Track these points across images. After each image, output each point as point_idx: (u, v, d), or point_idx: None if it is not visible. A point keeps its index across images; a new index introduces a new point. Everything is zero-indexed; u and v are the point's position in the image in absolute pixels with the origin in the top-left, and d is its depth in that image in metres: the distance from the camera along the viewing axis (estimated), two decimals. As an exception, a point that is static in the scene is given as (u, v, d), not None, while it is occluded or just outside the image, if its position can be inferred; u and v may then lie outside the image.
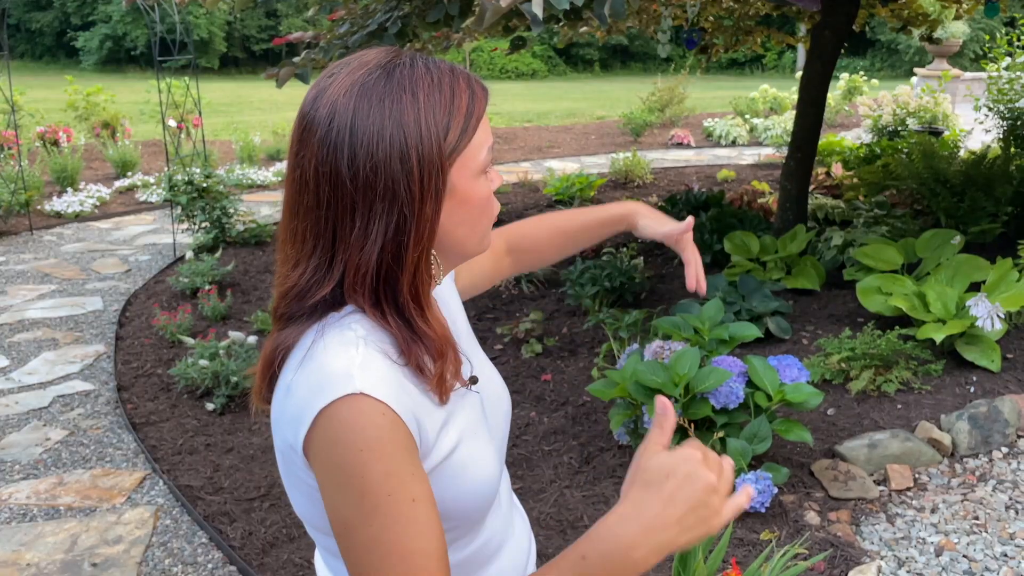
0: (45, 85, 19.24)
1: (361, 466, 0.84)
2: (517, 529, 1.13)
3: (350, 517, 0.86)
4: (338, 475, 0.85)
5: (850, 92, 14.59)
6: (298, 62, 4.05)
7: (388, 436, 0.85)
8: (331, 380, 0.86)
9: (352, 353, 0.88)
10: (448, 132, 0.89)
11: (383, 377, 0.87)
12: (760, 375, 3.05)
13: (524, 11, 2.78)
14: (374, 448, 0.84)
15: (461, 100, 0.90)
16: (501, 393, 1.12)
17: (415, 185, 0.88)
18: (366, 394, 0.85)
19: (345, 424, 0.84)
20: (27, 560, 2.93)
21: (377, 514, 0.85)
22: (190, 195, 6.32)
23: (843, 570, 2.61)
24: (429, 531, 0.87)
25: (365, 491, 0.85)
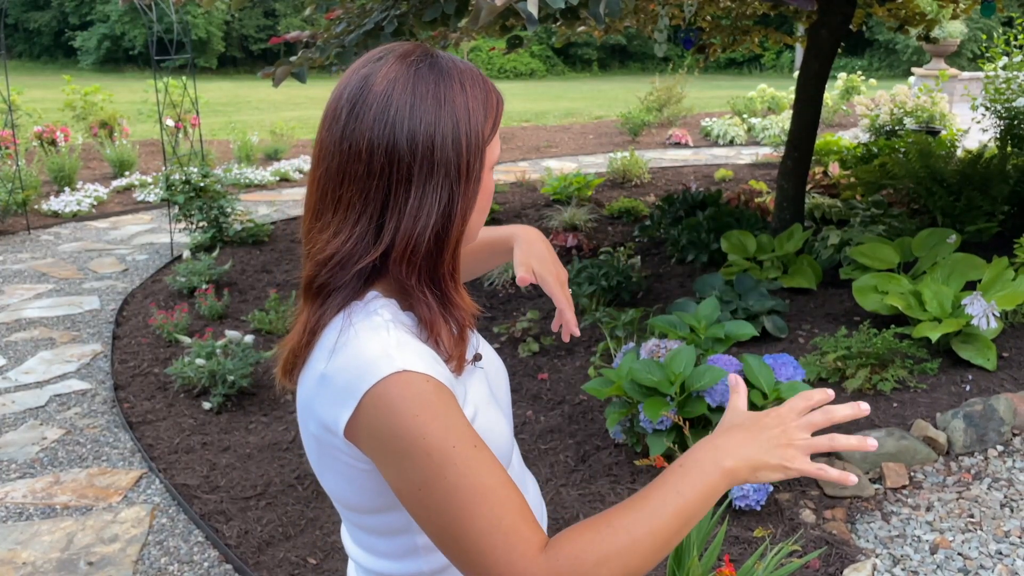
0: (43, 85, 19.23)
1: (421, 427, 0.89)
2: (530, 492, 1.18)
3: (422, 479, 0.90)
4: (399, 444, 0.90)
5: (848, 92, 14.61)
6: (295, 61, 4.05)
7: (437, 397, 0.91)
8: (371, 363, 0.91)
9: (384, 336, 0.93)
10: (486, 122, 0.97)
11: (419, 353, 0.93)
12: (756, 374, 3.06)
13: (520, 10, 2.78)
14: (428, 410, 0.90)
15: (492, 96, 0.98)
16: (499, 368, 1.19)
17: (463, 165, 0.95)
18: (408, 370, 0.90)
19: (396, 398, 0.89)
20: (23, 559, 2.93)
21: (448, 466, 0.89)
22: (187, 195, 6.32)
23: (838, 568, 2.62)
24: (497, 467, 0.92)
25: (431, 449, 0.89)
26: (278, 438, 3.64)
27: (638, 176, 8.74)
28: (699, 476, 0.92)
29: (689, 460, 0.94)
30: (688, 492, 0.92)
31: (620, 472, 3.16)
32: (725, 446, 0.94)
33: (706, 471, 0.93)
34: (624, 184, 8.69)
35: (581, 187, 7.79)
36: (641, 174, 8.76)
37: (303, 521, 3.03)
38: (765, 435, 0.95)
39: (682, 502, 0.91)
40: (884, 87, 13.97)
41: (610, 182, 8.75)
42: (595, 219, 6.88)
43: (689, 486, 0.92)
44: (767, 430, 0.95)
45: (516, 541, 0.89)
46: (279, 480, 3.31)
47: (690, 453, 0.95)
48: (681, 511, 0.91)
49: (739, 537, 2.75)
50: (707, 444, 0.95)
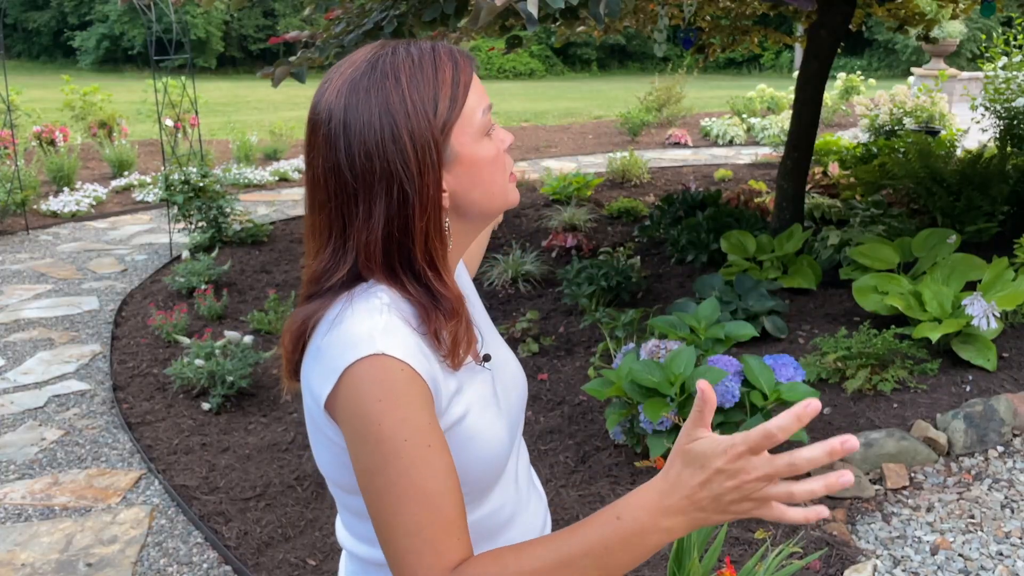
0: (42, 84, 19.22)
1: (379, 414, 0.91)
2: (532, 506, 1.18)
3: (370, 464, 0.92)
4: (359, 425, 0.92)
5: (847, 92, 14.61)
6: (294, 61, 4.05)
7: (404, 388, 0.92)
8: (355, 342, 0.93)
9: (376, 318, 0.95)
10: (437, 105, 0.96)
11: (403, 340, 0.94)
12: (756, 374, 3.06)
13: (519, 10, 2.78)
14: (391, 397, 0.92)
15: (445, 73, 0.97)
16: (516, 375, 1.18)
17: (411, 162, 0.95)
18: (386, 354, 0.92)
19: (365, 379, 0.92)
20: (22, 560, 2.93)
21: (395, 459, 0.91)
22: (187, 195, 6.31)
23: (838, 569, 2.61)
24: (445, 475, 0.93)
25: (382, 437, 0.91)
26: (277, 439, 3.64)
27: (637, 176, 8.73)
28: (633, 532, 0.86)
29: (627, 512, 0.87)
30: (615, 547, 0.87)
31: (620, 473, 3.16)
32: (670, 502, 0.86)
33: (643, 527, 0.86)
34: (623, 184, 8.69)
35: (580, 187, 7.78)
36: (640, 174, 8.76)
37: (303, 522, 3.03)
38: (718, 489, 0.83)
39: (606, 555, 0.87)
40: (883, 87, 13.97)
41: (609, 182, 8.75)
42: (595, 219, 6.87)
43: (619, 541, 0.87)
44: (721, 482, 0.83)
45: (430, 551, 0.91)
46: (279, 481, 3.30)
47: (631, 501, 0.88)
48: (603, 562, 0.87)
49: (739, 538, 2.74)
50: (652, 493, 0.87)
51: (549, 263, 5.62)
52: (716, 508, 0.84)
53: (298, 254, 6.40)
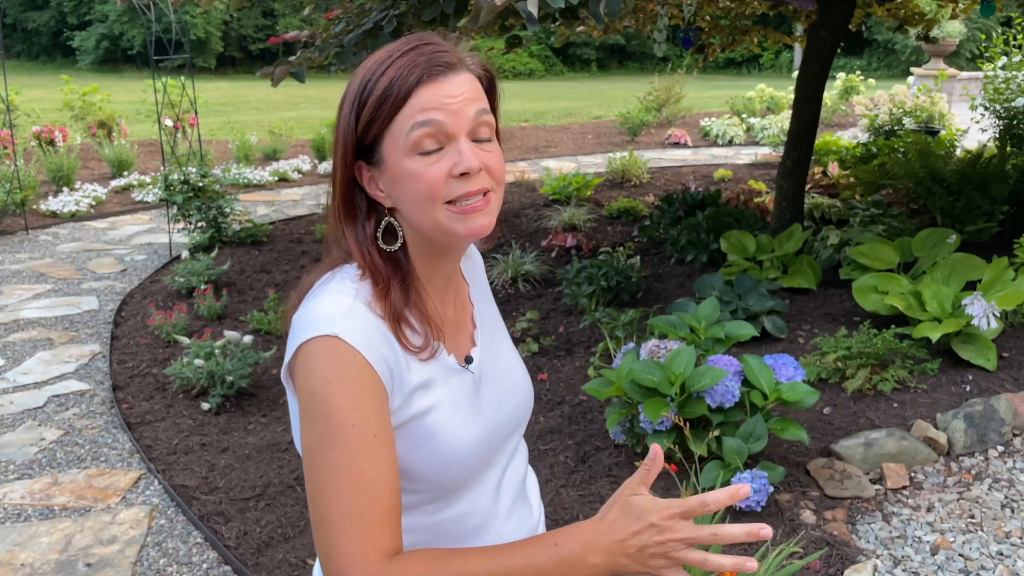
0: (41, 84, 19.21)
1: (329, 395, 0.95)
2: (513, 522, 1.17)
3: (315, 442, 0.96)
4: (309, 402, 0.97)
5: (847, 91, 14.61)
6: (294, 61, 4.05)
7: (355, 375, 0.96)
8: (317, 320, 0.98)
9: (341, 300, 1.00)
10: (361, 111, 1.01)
11: (361, 327, 0.98)
12: (756, 374, 3.05)
13: (519, 9, 2.78)
14: (342, 381, 0.95)
15: (383, 78, 1.00)
16: (517, 387, 1.18)
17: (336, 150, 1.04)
18: (340, 338, 0.96)
19: (318, 358, 0.96)
20: (21, 560, 2.92)
21: (340, 441, 0.95)
22: (186, 195, 6.31)
23: (839, 569, 2.61)
24: (387, 466, 0.96)
25: (330, 419, 0.95)
26: (277, 439, 3.63)
27: (637, 176, 8.73)
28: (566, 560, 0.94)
29: (565, 541, 0.95)
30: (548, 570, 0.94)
31: (620, 473, 3.16)
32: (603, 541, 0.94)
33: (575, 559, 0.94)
34: (623, 184, 8.68)
35: (580, 187, 7.78)
36: (640, 174, 8.75)
37: (302, 522, 3.03)
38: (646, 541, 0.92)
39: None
40: (883, 87, 13.97)
41: (609, 182, 8.74)
42: (594, 219, 6.87)
43: (552, 566, 0.94)
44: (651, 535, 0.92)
45: (368, 537, 0.94)
46: (278, 481, 3.30)
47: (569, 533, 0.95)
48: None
49: (739, 538, 2.74)
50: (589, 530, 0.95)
51: (549, 263, 5.62)
52: (638, 558, 0.93)
53: (298, 254, 6.40)
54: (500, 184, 1.05)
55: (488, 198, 1.03)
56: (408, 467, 1.03)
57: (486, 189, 1.03)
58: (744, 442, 2.92)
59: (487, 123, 1.03)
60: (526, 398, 1.20)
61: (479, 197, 1.02)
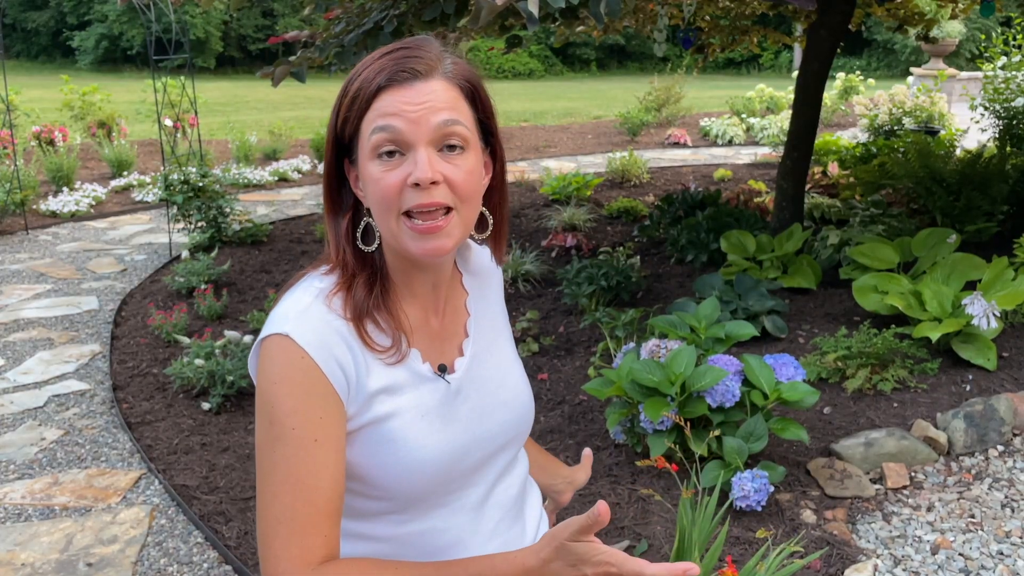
0: (41, 84, 19.20)
1: (273, 396, 0.96)
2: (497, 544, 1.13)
3: (261, 440, 0.97)
4: (259, 400, 0.98)
5: (846, 91, 14.61)
6: (294, 61, 4.04)
7: (300, 378, 0.96)
8: (276, 318, 1.00)
9: (301, 300, 1.01)
10: (338, 111, 1.03)
11: (315, 328, 0.98)
12: (756, 374, 3.05)
13: (520, 9, 2.78)
14: (287, 383, 0.96)
15: (355, 81, 1.02)
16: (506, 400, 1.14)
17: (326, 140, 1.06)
18: (291, 337, 0.97)
19: (267, 358, 0.98)
20: (22, 560, 2.92)
21: (280, 442, 0.95)
22: (186, 195, 6.31)
23: (839, 568, 2.61)
24: (326, 472, 0.96)
25: (273, 419, 0.96)
26: (277, 439, 3.63)
27: (637, 176, 8.73)
28: None
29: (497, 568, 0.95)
30: None
31: (620, 473, 3.16)
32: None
33: None
34: (623, 184, 8.69)
35: (580, 187, 7.78)
36: (640, 174, 8.76)
37: (303, 522, 3.02)
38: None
39: None
40: (882, 87, 13.97)
41: (609, 182, 8.75)
42: (594, 219, 6.87)
43: None
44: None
45: (297, 543, 0.94)
46: (278, 481, 3.30)
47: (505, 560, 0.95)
48: None
49: (740, 538, 2.74)
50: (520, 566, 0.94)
51: (549, 263, 5.62)
52: None
53: (297, 254, 6.40)
54: (467, 201, 1.01)
55: (449, 217, 0.99)
56: (367, 472, 1.02)
57: (446, 206, 0.99)
58: (744, 442, 2.92)
59: (456, 133, 0.99)
60: (520, 415, 1.15)
61: (440, 215, 0.99)
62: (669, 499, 2.95)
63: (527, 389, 1.19)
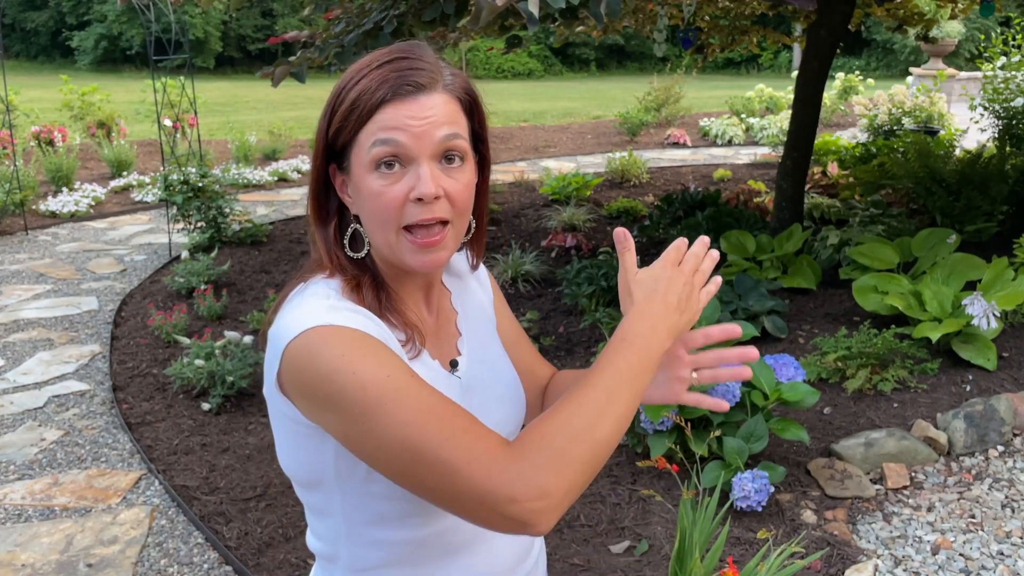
0: (40, 85, 19.19)
1: (349, 364, 0.90)
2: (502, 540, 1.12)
3: (361, 412, 0.90)
4: (330, 386, 0.91)
5: (846, 91, 14.61)
6: (294, 61, 4.04)
7: (364, 339, 0.93)
8: (297, 321, 0.95)
9: (322, 301, 0.98)
10: (332, 118, 1.01)
11: (348, 317, 0.96)
12: (757, 374, 3.05)
13: (520, 9, 2.78)
14: (355, 348, 0.92)
15: (355, 89, 0.99)
16: (508, 396, 1.16)
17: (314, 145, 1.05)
18: (333, 324, 0.94)
19: (316, 344, 0.92)
20: (22, 560, 2.92)
21: (387, 394, 0.89)
22: (186, 195, 6.30)
23: (840, 569, 2.61)
24: (436, 392, 0.93)
25: (364, 382, 0.90)
26: (277, 439, 3.63)
27: (637, 176, 8.73)
28: (643, 346, 0.99)
29: (630, 333, 1.00)
30: (636, 362, 0.98)
31: (621, 473, 3.16)
32: (654, 317, 1.01)
33: (648, 342, 1.00)
34: (623, 184, 8.69)
35: (580, 187, 7.78)
36: (640, 174, 8.76)
37: (303, 523, 3.02)
38: (676, 287, 1.03)
39: (633, 373, 0.97)
40: (882, 87, 13.97)
41: (609, 182, 8.75)
42: (594, 219, 6.87)
43: (636, 356, 0.98)
44: (676, 284, 1.03)
45: (474, 441, 0.89)
46: (279, 481, 3.30)
47: (628, 326, 1.01)
48: (633, 380, 0.97)
49: (741, 538, 2.74)
50: (639, 317, 1.01)
51: (549, 263, 5.62)
52: (683, 307, 1.03)
53: (297, 254, 6.40)
54: (462, 215, 1.02)
55: (446, 230, 1.00)
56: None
57: (444, 219, 1.00)
58: (745, 442, 2.92)
59: (456, 147, 1.00)
60: (518, 407, 1.18)
61: (437, 228, 1.00)
62: (670, 499, 2.95)
63: (520, 382, 1.20)
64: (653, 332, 1.01)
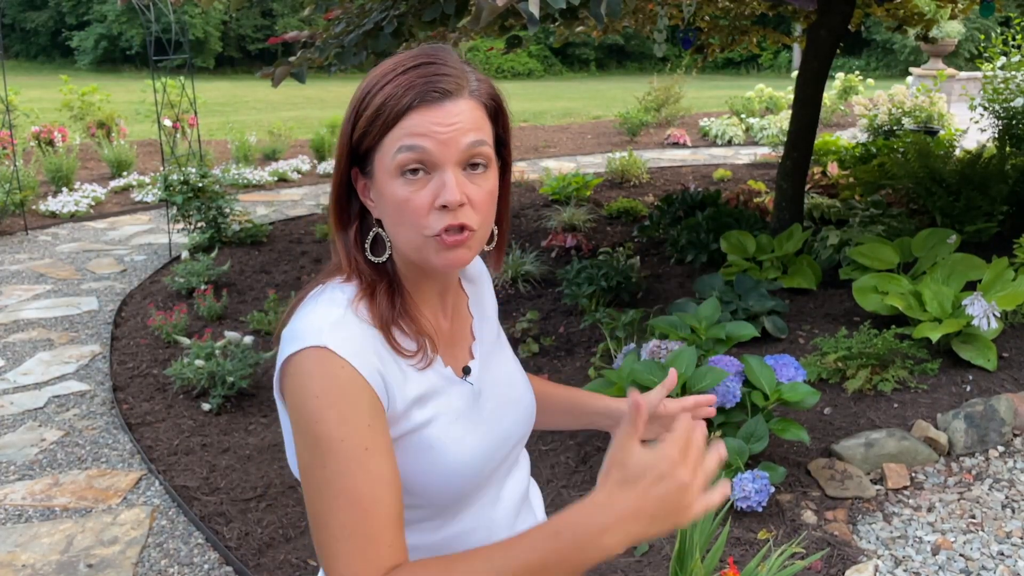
0: (40, 85, 19.19)
1: (317, 411, 0.92)
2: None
3: (308, 460, 0.94)
4: (299, 418, 0.94)
5: (846, 92, 14.61)
6: (294, 61, 4.04)
7: (345, 387, 0.93)
8: (304, 332, 0.96)
9: (331, 311, 0.97)
10: (357, 121, 1.00)
11: (351, 338, 0.95)
12: (757, 374, 3.05)
13: (520, 10, 2.78)
14: (330, 396, 0.92)
15: (381, 94, 0.98)
16: (518, 399, 1.15)
17: (337, 145, 1.03)
18: (329, 349, 0.93)
19: (305, 371, 0.94)
20: (23, 561, 2.92)
21: (330, 457, 0.92)
22: (186, 195, 6.30)
23: (840, 569, 2.61)
24: (381, 481, 0.92)
25: (320, 435, 0.92)
26: (278, 439, 3.63)
27: (636, 176, 8.73)
28: (572, 546, 0.85)
29: (566, 527, 0.86)
30: (553, 563, 0.86)
31: (621, 473, 3.15)
32: (614, 516, 0.85)
33: (581, 544, 0.85)
34: (623, 184, 8.69)
35: (580, 187, 7.78)
36: (640, 174, 8.76)
37: (303, 523, 3.02)
38: (658, 500, 0.84)
39: (542, 573, 0.86)
40: (882, 87, 13.97)
41: (608, 182, 8.74)
42: (594, 219, 6.87)
43: (557, 557, 0.86)
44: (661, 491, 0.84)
45: (359, 558, 0.90)
46: (279, 482, 3.30)
47: (573, 519, 0.86)
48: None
49: (741, 538, 2.75)
50: (594, 511, 0.86)
51: (549, 263, 5.62)
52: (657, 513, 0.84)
53: (297, 254, 6.40)
54: (486, 221, 1.02)
55: (471, 232, 1.00)
56: (406, 481, 1.00)
57: (467, 226, 0.99)
58: (745, 442, 2.92)
59: (481, 154, 1.00)
60: (529, 411, 1.17)
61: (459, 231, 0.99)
62: (670, 500, 2.94)
63: (530, 386, 1.20)
64: (600, 537, 0.85)
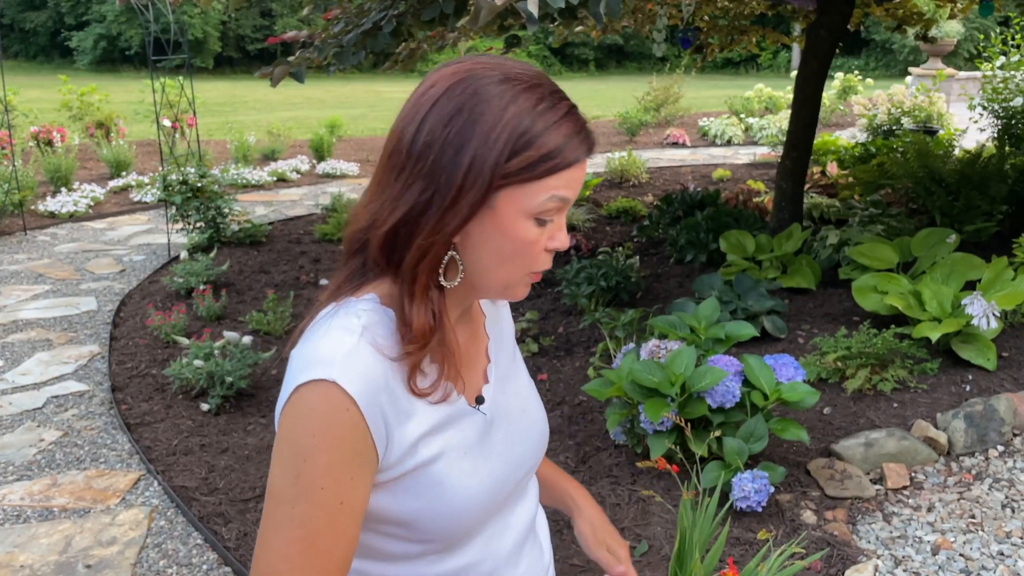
0: (39, 85, 19.18)
1: (308, 449, 0.89)
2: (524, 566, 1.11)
3: (281, 490, 0.90)
4: (287, 448, 0.90)
5: (845, 91, 14.62)
6: (293, 61, 4.04)
7: (343, 433, 0.89)
8: (316, 361, 0.90)
9: (346, 340, 0.91)
10: (514, 156, 0.89)
11: (363, 372, 0.90)
12: (756, 374, 3.05)
13: (520, 9, 2.77)
14: (325, 438, 0.89)
15: (549, 137, 0.90)
16: (532, 428, 1.11)
17: (456, 181, 0.89)
18: (339, 384, 0.89)
19: (310, 407, 0.89)
20: (21, 561, 2.92)
21: (303, 500, 0.89)
22: (185, 195, 6.30)
23: (840, 569, 2.61)
24: (343, 539, 0.91)
25: (301, 474, 0.89)
26: (277, 440, 3.62)
27: (636, 176, 8.73)
28: None
29: None
30: None
31: (621, 473, 3.15)
32: None
33: None
34: (622, 184, 8.69)
35: (579, 187, 7.77)
36: (639, 174, 8.76)
37: (302, 523, 3.02)
38: None
39: None
40: (881, 87, 13.97)
41: (608, 182, 8.74)
42: (593, 219, 6.87)
43: None
44: None
45: None
46: (278, 482, 3.29)
47: None
48: None
49: (741, 538, 2.74)
50: None
51: (548, 263, 5.61)
52: None
53: (296, 254, 6.39)
54: None
55: None
56: (412, 518, 0.96)
57: None
58: (745, 442, 2.92)
59: None
60: (540, 440, 1.13)
61: None
62: (669, 500, 2.94)
63: (544, 412, 1.16)
64: None
